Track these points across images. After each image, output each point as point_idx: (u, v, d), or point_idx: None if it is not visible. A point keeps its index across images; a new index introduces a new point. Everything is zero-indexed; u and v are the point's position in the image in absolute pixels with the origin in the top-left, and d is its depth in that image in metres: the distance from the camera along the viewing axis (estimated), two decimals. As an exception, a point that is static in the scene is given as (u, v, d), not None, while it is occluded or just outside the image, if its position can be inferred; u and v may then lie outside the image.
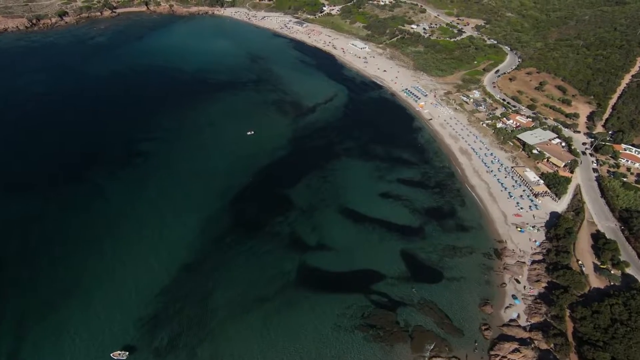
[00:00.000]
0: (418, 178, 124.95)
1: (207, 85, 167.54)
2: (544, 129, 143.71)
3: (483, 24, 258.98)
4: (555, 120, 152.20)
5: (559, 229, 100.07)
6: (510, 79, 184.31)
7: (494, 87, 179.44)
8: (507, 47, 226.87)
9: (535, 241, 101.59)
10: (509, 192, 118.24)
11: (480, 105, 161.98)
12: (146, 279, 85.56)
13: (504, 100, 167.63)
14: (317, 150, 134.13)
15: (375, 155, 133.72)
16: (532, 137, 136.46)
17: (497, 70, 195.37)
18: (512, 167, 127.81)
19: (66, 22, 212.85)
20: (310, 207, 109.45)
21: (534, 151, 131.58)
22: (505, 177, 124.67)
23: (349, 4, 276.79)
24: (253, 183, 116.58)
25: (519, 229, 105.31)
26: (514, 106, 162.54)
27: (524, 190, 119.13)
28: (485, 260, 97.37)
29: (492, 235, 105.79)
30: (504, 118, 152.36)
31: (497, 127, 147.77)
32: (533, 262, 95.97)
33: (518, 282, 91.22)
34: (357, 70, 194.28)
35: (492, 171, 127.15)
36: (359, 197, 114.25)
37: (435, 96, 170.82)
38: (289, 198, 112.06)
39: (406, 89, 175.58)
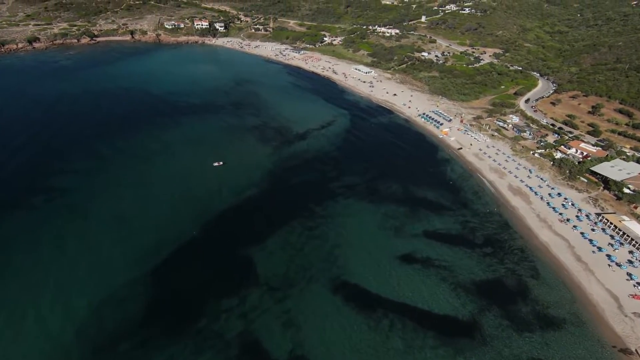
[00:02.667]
0: (456, 230, 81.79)
1: (174, 108, 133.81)
2: (623, 159, 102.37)
3: (501, 53, 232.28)
4: (633, 149, 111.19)
5: None
6: (552, 103, 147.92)
7: (535, 111, 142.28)
8: (534, 72, 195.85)
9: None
10: (609, 255, 73.42)
11: (524, 132, 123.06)
12: None
13: (553, 125, 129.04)
14: (304, 188, 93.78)
15: (389, 195, 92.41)
16: (615, 171, 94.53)
17: (528, 100, 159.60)
18: (600, 215, 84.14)
19: (34, 48, 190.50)
20: (284, 281, 65.74)
21: (626, 190, 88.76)
22: (593, 229, 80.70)
23: (352, 35, 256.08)
24: (200, 237, 74.69)
25: (654, 326, 59.11)
26: (569, 132, 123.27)
27: (631, 252, 74.33)
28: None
29: (604, 335, 59.46)
30: (562, 146, 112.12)
31: (556, 157, 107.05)
32: None
33: None
34: (362, 94, 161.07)
35: (568, 220, 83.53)
36: (364, 263, 70.73)
37: (462, 121, 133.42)
38: (251, 264, 68.95)
39: (424, 114, 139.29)
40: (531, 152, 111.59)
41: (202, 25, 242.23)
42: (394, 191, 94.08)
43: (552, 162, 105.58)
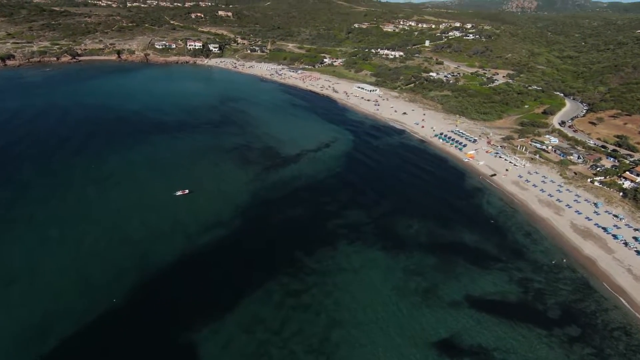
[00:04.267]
0: (515, 295, 54.45)
1: (143, 127, 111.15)
2: None
3: (515, 74, 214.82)
4: None
5: None
6: (592, 123, 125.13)
7: (575, 131, 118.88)
8: (557, 92, 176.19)
9: None
10: None
11: (571, 154, 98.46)
12: None
13: (604, 147, 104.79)
14: (290, 228, 67.71)
15: (410, 239, 65.90)
16: None
17: (563, 122, 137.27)
18: None
19: (5, 65, 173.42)
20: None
21: None
22: None
23: (353, 57, 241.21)
24: (121, 308, 47.65)
25: None
26: (628, 155, 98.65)
27: None
28: None
29: None
30: (627, 172, 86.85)
31: (625, 186, 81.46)
32: None
33: None
34: (366, 113, 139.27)
35: (681, 280, 56.17)
36: (379, 358, 43.01)
37: (490, 142, 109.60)
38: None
39: (441, 134, 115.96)
40: (588, 180, 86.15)
41: (195, 45, 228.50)
42: (416, 233, 67.72)
43: (621, 193, 79.82)
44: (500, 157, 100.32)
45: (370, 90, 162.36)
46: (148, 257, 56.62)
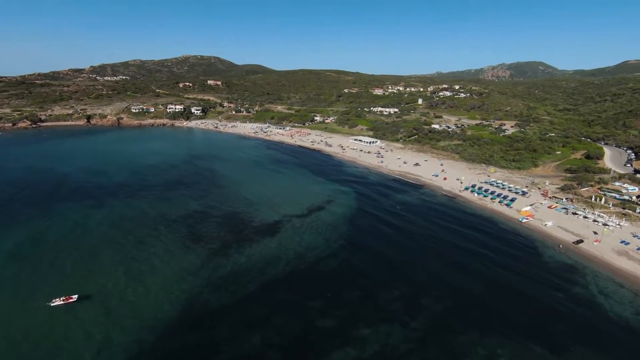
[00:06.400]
0: None
1: (60, 191, 79.75)
2: None
3: (524, 123, 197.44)
4: None
5: None
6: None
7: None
8: (583, 138, 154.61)
9: None
10: None
11: (674, 207, 67.45)
12: None
13: None
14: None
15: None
16: None
17: (616, 176, 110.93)
18: None
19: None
20: None
21: None
22: None
23: (346, 115, 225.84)
24: None
25: None
26: None
27: None
28: None
29: None
30: None
31: None
32: None
33: None
34: (369, 166, 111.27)
35: None
36: None
37: (546, 195, 79.03)
38: None
39: (474, 187, 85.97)
40: None
41: (175, 108, 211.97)
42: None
43: None
44: (573, 213, 68.76)
45: (370, 142, 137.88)
46: None
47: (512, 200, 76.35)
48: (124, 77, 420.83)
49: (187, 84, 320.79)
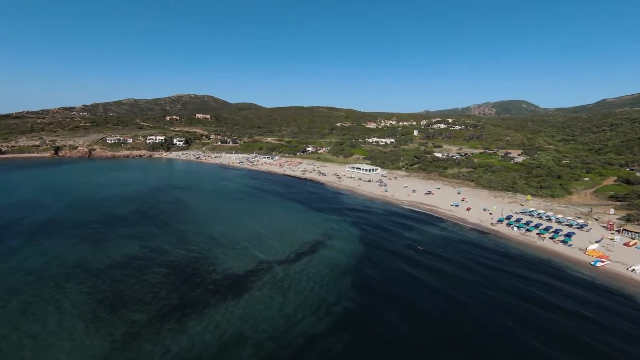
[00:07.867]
0: None
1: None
2: None
3: (531, 152, 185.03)
4: None
5: None
6: None
7: None
8: (605, 164, 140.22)
9: None
10: None
11: None
12: None
13: None
14: None
15: None
16: None
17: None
18: None
19: None
20: None
21: None
22: None
23: (340, 145, 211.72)
24: None
25: None
26: None
27: None
28: None
29: None
30: None
31: None
32: None
33: None
34: (372, 196, 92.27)
35: None
36: None
37: (611, 228, 60.30)
38: None
39: (511, 218, 67.01)
40: None
41: (155, 139, 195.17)
42: None
43: None
44: (662, 252, 49.67)
45: (370, 170, 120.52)
46: None
47: (569, 235, 57.23)
48: (113, 114, 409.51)
49: (175, 117, 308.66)
